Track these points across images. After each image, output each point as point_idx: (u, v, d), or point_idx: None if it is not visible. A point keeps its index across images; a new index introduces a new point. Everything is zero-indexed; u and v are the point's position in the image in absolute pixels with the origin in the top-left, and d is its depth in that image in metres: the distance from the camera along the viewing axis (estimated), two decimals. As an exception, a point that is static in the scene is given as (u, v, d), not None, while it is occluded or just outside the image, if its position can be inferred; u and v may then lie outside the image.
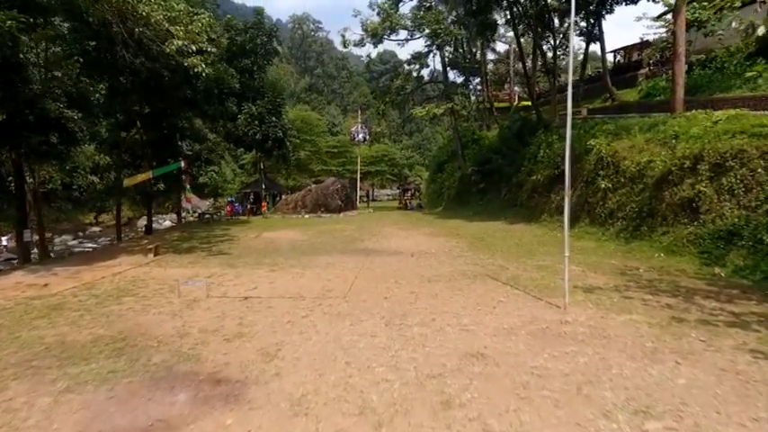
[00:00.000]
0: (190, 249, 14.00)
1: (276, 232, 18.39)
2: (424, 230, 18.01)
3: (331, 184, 28.01)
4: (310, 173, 50.03)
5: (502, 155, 23.95)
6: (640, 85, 28.40)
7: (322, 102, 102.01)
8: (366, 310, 6.64)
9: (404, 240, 15.24)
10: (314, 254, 12.63)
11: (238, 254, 12.92)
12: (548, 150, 18.68)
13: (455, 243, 14.15)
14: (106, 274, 10.10)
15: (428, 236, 16.27)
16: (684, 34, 14.14)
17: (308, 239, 15.94)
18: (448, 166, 38.47)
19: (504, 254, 11.70)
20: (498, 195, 23.94)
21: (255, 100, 27.20)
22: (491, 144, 29.32)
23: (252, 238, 16.66)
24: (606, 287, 7.81)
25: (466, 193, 28.38)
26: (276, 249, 13.64)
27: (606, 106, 24.26)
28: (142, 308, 7.06)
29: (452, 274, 9.27)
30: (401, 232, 17.59)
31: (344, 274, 9.60)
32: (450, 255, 11.93)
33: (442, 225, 19.85)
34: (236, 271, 10.18)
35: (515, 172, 22.06)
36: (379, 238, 16.11)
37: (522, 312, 6.38)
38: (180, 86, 17.76)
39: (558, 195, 16.37)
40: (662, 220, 10.94)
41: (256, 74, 26.92)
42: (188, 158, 26.37)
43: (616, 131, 14.84)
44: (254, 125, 26.65)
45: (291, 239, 15.93)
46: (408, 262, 11.00)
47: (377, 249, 13.29)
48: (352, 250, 13.18)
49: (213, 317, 6.48)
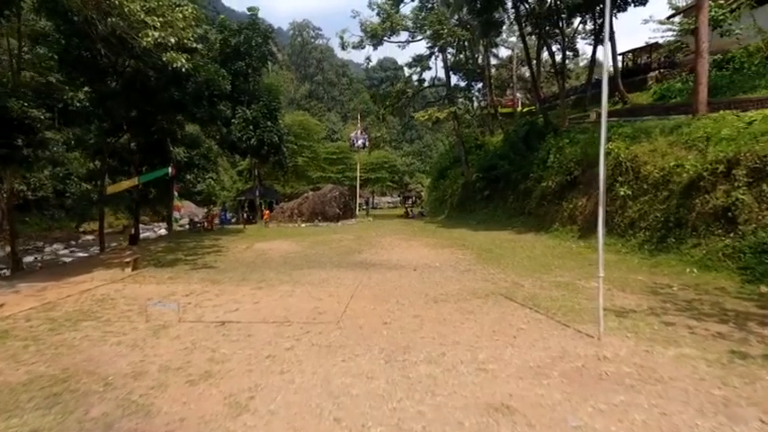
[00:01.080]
0: (173, 262, 13.05)
1: (269, 243, 17.44)
2: (427, 241, 17.07)
3: (329, 191, 27.11)
4: (308, 180, 49.08)
5: (508, 160, 23.06)
6: (651, 89, 27.71)
7: (322, 109, 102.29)
8: (362, 340, 5.68)
9: (406, 252, 14.30)
10: (307, 267, 11.67)
11: (225, 267, 11.97)
12: (558, 155, 17.79)
13: (461, 255, 13.21)
14: (73, 291, 9.15)
15: (432, 247, 15.33)
16: (708, 30, 13.30)
17: (303, 251, 14.99)
18: (451, 172, 37.62)
19: (516, 268, 10.75)
20: (504, 203, 23.03)
21: (250, 104, 26.41)
22: (496, 150, 28.46)
23: (242, 249, 15.72)
24: (640, 310, 6.85)
25: (470, 201, 27.48)
26: (266, 262, 12.69)
27: (617, 109, 23.39)
28: (100, 336, 6.10)
29: (461, 293, 8.31)
30: (403, 243, 16.64)
31: (339, 292, 8.65)
32: (456, 269, 10.97)
33: (447, 235, 18.91)
34: (219, 288, 9.22)
35: (523, 178, 21.15)
36: (378, 249, 15.16)
37: (548, 344, 5.41)
38: (167, 88, 16.92)
39: (571, 203, 15.46)
40: (692, 231, 9.99)
41: (251, 77, 26.18)
42: (179, 165, 25.55)
43: (634, 135, 13.95)
44: (249, 130, 25.84)
45: (284, 251, 14.98)
46: (411, 277, 10.04)
47: (376, 262, 12.34)
48: (350, 263, 12.23)
49: (180, 348, 5.52)
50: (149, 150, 23.17)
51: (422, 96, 37.99)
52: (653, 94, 22.96)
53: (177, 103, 17.66)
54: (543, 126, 23.62)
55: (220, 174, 48.19)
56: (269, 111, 26.83)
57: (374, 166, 60.32)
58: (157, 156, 23.89)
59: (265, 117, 26.51)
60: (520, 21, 21.83)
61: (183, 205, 24.36)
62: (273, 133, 26.67)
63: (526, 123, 24.30)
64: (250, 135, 25.87)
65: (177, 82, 17.24)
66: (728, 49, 20.53)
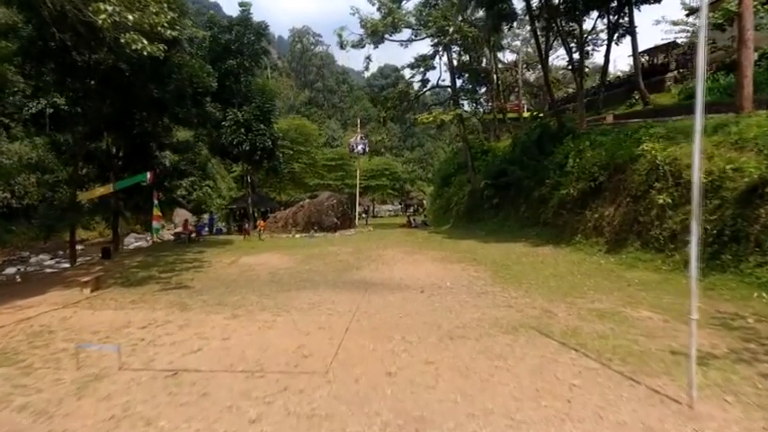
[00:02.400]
0: (143, 280, 11.56)
1: (257, 256, 15.98)
2: (433, 254, 15.59)
3: (326, 199, 25.68)
4: (306, 187, 47.64)
5: (520, 166, 21.66)
6: (670, 90, 26.44)
7: (322, 116, 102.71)
8: (358, 407, 4.19)
9: (410, 268, 12.82)
10: (296, 288, 10.19)
11: (201, 287, 10.48)
12: (578, 160, 16.37)
13: (474, 272, 11.73)
14: (9, 321, 7.66)
15: (439, 261, 13.85)
16: (752, 17, 11.96)
17: (294, 266, 13.51)
18: (455, 179, 36.22)
19: (541, 289, 9.26)
20: (516, 212, 21.57)
21: (242, 106, 25.11)
22: (505, 155, 27.09)
23: (226, 264, 14.23)
24: (721, 354, 5.35)
25: (477, 209, 26.03)
26: (250, 281, 11.20)
27: (638, 111, 22.10)
28: (5, 394, 4.61)
29: (482, 325, 6.83)
30: (406, 257, 15.16)
31: (332, 322, 7.17)
32: (471, 290, 9.48)
33: (454, 247, 17.42)
34: (186, 317, 7.74)
35: (537, 185, 19.72)
36: (379, 264, 13.69)
37: (620, 414, 3.91)
38: (145, 85, 15.58)
39: (596, 212, 13.99)
40: (754, 247, 8.52)
41: (243, 76, 24.89)
42: (165, 171, 24.17)
43: (669, 135, 12.54)
44: (240, 134, 24.51)
45: (273, 266, 13.49)
46: (418, 302, 8.55)
47: (377, 281, 10.85)
48: (346, 283, 10.75)
49: (104, 419, 4.04)
50: (132, 155, 21.80)
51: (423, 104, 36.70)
52: (679, 93, 21.62)
53: (157, 101, 16.31)
54: (557, 129, 22.24)
55: (218, 181, 46.86)
56: (262, 113, 25.51)
57: (375, 173, 59.01)
58: (141, 161, 22.46)
59: (258, 120, 25.19)
60: (532, 15, 20.53)
61: (183, 214, 22.86)
62: (267, 137, 25.32)
63: (538, 126, 22.94)
64: (241, 139, 24.52)
65: (158, 79, 15.91)
66: (759, 46, 19.23)
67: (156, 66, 15.70)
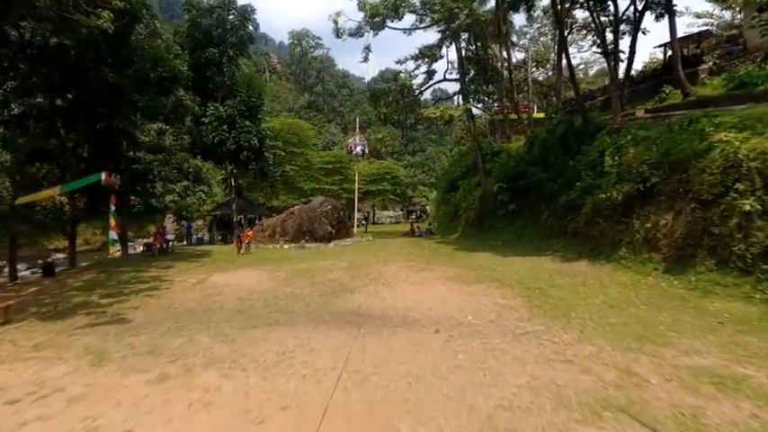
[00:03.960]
0: (72, 310, 9.19)
1: (231, 274, 13.62)
2: (444, 271, 13.21)
3: (319, 204, 23.29)
4: (301, 192, 45.18)
5: (542, 167, 19.29)
6: (705, 83, 24.14)
7: (322, 120, 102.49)
8: None
9: (418, 290, 10.45)
10: (267, 323, 7.81)
11: (140, 323, 8.10)
12: (617, 158, 14.03)
13: (500, 297, 9.36)
14: None
15: (453, 281, 11.47)
16: None
17: (273, 289, 11.12)
18: (463, 183, 33.86)
19: (602, 329, 6.89)
20: (536, 219, 19.17)
21: (225, 99, 22.83)
22: (521, 155, 24.75)
23: (190, 285, 11.85)
24: None
25: (490, 217, 23.64)
26: (209, 312, 8.81)
27: (676, 104, 19.79)
28: None
29: (539, 404, 4.47)
30: (412, 274, 12.78)
31: (303, 392, 4.82)
32: (503, 328, 7.10)
33: (469, 261, 15.03)
34: (91, 379, 5.39)
35: (562, 189, 17.36)
36: (379, 285, 11.31)
37: None
38: (98, 68, 13.30)
39: (648, 221, 11.59)
40: None
41: (226, 66, 22.61)
42: (137, 173, 21.88)
43: (744, 124, 10.18)
44: (222, 131, 22.20)
45: (246, 289, 11.10)
46: (433, 351, 6.17)
47: (375, 312, 8.47)
48: (335, 314, 8.36)
49: None
50: (98, 155, 19.52)
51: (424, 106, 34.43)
52: (726, 83, 19.21)
53: (113, 87, 14.01)
54: (582, 126, 19.91)
55: (213, 187, 44.53)
56: (248, 108, 23.24)
57: (375, 178, 56.71)
58: (109, 161, 20.24)
59: (243, 116, 22.91)
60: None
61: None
62: (253, 135, 23.00)
63: (561, 122, 20.59)
64: (224, 137, 22.21)
65: (116, 62, 13.62)
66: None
67: (114, 46, 13.46)
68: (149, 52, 14.12)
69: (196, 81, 23.25)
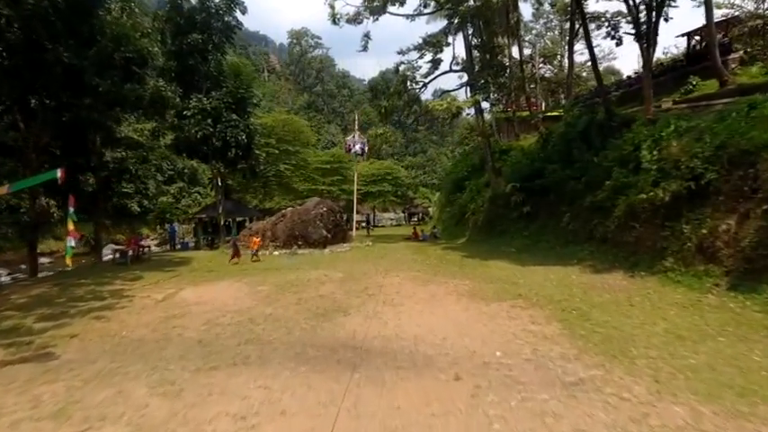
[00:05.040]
0: (-9, 340, 7.41)
1: (207, 287, 11.88)
2: (456, 284, 11.47)
3: (313, 206, 21.52)
4: (297, 193, 43.31)
5: (562, 164, 17.55)
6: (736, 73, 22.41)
7: (321, 120, 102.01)
8: None
9: (427, 311, 8.71)
10: (231, 362, 6.07)
11: (66, 362, 6.36)
12: (656, 152, 12.26)
13: (532, 323, 7.64)
14: None
15: (469, 298, 9.74)
16: None
17: (250, 308, 9.36)
18: (470, 183, 32.19)
19: (682, 377, 5.18)
20: (556, 223, 17.43)
21: (210, 91, 21.11)
22: (534, 153, 23.04)
23: (152, 303, 10.09)
24: None
25: (502, 220, 21.89)
26: (162, 344, 7.05)
27: (712, 93, 18.06)
28: None
29: None
30: (418, 288, 11.04)
31: None
32: (548, 377, 5.35)
33: (483, 272, 13.27)
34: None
35: (587, 188, 15.65)
36: (378, 303, 9.57)
37: None
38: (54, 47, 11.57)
39: (703, 226, 9.82)
40: None
41: (210, 54, 20.89)
42: (111, 171, 20.21)
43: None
44: (206, 125, 20.46)
45: (217, 309, 9.34)
46: (457, 416, 4.44)
47: (374, 344, 6.74)
48: (321, 348, 6.61)
49: None
50: (67, 150, 17.83)
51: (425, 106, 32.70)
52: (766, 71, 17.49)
53: (69, 70, 12.28)
54: (606, 119, 18.20)
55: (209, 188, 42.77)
56: (235, 101, 21.52)
57: (375, 178, 54.96)
58: (78, 157, 18.59)
59: (230, 108, 21.19)
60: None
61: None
62: (240, 129, 21.26)
63: (583, 115, 18.85)
64: (208, 131, 20.47)
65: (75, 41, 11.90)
66: None
67: (71, 22, 11.74)
68: (112, 29, 12.45)
69: (179, 71, 21.60)
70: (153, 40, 14.74)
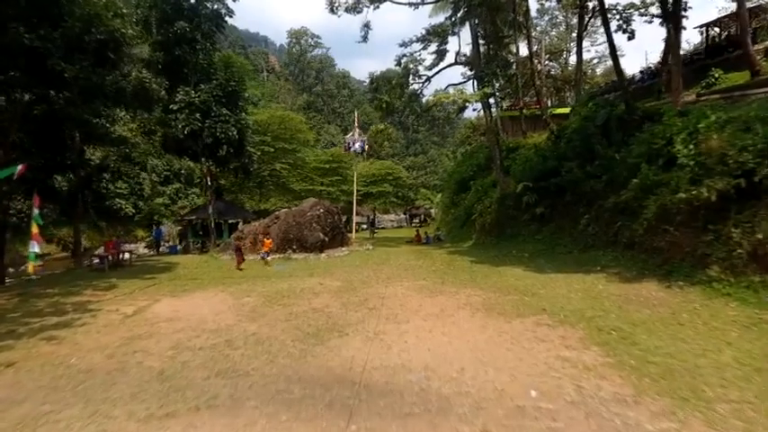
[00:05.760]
0: None
1: (185, 299, 10.65)
2: (467, 294, 10.25)
3: (309, 207, 20.26)
4: (295, 194, 41.96)
5: (579, 162, 16.31)
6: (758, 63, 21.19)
7: (321, 121, 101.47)
8: None
9: (437, 331, 7.48)
10: (193, 405, 4.83)
11: (-13, 401, 5.09)
12: (693, 146, 11.01)
13: (565, 347, 6.42)
14: None
15: (484, 313, 8.52)
16: None
17: (229, 328, 8.11)
18: (476, 183, 30.98)
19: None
20: (574, 226, 16.20)
21: (198, 84, 19.90)
22: (546, 150, 21.80)
23: (117, 319, 8.84)
24: None
25: (512, 222, 20.66)
26: (112, 377, 5.80)
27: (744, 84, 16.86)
28: None
29: None
30: (425, 301, 9.81)
31: None
32: (607, 430, 4.08)
33: (496, 280, 12.02)
34: None
35: (610, 187, 14.48)
36: (381, 320, 8.33)
37: None
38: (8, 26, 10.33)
39: (759, 230, 8.57)
40: None
41: (200, 44, 19.67)
42: (90, 169, 19.01)
43: None
44: (194, 119, 19.23)
45: (192, 327, 8.10)
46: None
47: (375, 380, 5.49)
48: (310, 383, 5.36)
49: None
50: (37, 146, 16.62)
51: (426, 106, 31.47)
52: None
53: (31, 52, 11.05)
54: (626, 112, 16.97)
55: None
56: (225, 94, 20.30)
57: (375, 179, 53.68)
58: (54, 154, 17.41)
59: (220, 102, 19.97)
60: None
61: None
62: (231, 124, 20.03)
63: (602, 108, 17.57)
64: (196, 126, 19.24)
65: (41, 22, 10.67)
66: None
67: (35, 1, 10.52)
68: (82, 9, 11.24)
69: (166, 63, 20.39)
70: (127, 21, 13.51)
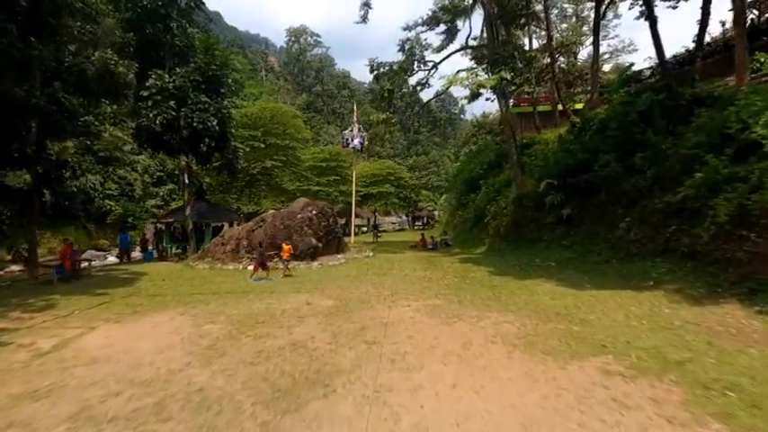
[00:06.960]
0: None
1: (128, 326, 8.45)
2: (494, 320, 8.08)
3: (300, 208, 18.01)
4: (289, 194, 39.65)
5: (619, 153, 14.11)
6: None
7: (321, 121, 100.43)
8: None
9: (462, 384, 5.35)
10: None
11: None
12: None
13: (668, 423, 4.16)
14: None
15: (526, 352, 6.37)
16: None
17: (170, 375, 5.91)
18: (486, 182, 28.83)
19: None
20: (609, 229, 14.00)
21: (174, 68, 17.73)
22: (570, 144, 19.58)
23: (27, 358, 6.63)
24: None
25: (531, 225, 18.43)
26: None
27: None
28: None
29: None
30: (442, 331, 7.61)
31: None
32: None
33: (526, 299, 9.81)
34: None
35: (657, 185, 12.32)
36: (381, 362, 6.21)
37: None
38: None
39: None
40: None
41: (175, 21, 17.49)
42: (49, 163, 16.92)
43: None
44: (168, 107, 17.04)
45: (117, 377, 5.90)
46: None
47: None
48: None
49: None
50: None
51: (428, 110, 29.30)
52: None
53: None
54: (668, 98, 14.80)
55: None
56: (205, 79, 18.11)
57: (376, 179, 51.51)
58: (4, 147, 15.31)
59: (198, 89, 17.79)
60: None
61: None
62: (210, 114, 17.83)
63: (645, 92, 15.37)
64: (169, 115, 17.05)
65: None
66: None
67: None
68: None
69: (139, 45, 18.25)
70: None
